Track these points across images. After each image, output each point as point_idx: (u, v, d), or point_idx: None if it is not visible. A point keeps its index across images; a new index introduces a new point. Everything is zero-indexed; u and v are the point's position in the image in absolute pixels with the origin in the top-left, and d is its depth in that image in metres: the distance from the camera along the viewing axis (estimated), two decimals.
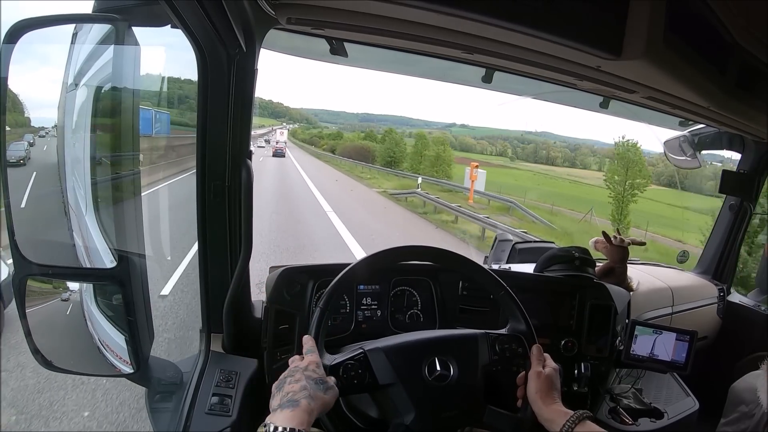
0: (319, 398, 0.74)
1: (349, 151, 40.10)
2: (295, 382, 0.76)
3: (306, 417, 0.71)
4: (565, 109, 5.35)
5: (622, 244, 1.48)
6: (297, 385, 0.75)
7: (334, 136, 61.32)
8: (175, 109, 6.92)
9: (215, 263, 1.03)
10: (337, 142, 51.86)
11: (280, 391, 0.75)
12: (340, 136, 59.95)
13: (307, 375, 0.77)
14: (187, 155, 8.93)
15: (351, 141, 48.86)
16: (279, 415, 0.71)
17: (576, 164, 41.15)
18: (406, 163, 33.22)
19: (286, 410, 0.71)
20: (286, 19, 0.87)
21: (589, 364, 1.26)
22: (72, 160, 0.87)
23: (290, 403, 0.72)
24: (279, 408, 0.72)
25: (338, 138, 57.78)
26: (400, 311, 1.25)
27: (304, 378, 0.76)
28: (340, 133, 62.26)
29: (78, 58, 0.82)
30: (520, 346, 0.94)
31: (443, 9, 0.73)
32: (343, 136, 58.43)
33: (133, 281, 0.78)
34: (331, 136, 61.44)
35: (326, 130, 70.80)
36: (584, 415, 0.81)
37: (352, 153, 38.44)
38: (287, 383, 0.76)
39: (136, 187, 0.85)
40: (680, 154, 1.85)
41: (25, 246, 0.73)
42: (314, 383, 0.76)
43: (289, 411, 0.71)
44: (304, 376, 0.76)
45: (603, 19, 0.81)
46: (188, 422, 0.90)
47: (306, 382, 0.75)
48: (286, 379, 0.78)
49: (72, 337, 0.93)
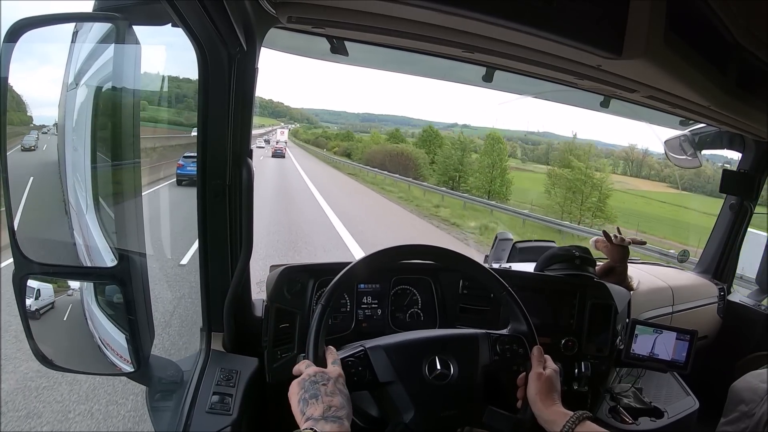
0: (350, 416, 0.74)
1: (379, 159, 28.67)
2: (332, 395, 0.74)
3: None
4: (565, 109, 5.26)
5: (623, 243, 1.48)
6: (336, 399, 0.74)
7: (343, 136, 54.65)
8: (173, 108, 6.92)
9: (216, 262, 1.04)
10: (351, 144, 44.28)
11: (318, 400, 0.73)
12: (350, 136, 52.99)
13: (340, 389, 0.76)
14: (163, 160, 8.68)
15: (368, 143, 40.04)
16: (325, 427, 0.70)
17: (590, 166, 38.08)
18: (473, 178, 24.80)
19: (332, 424, 0.70)
20: (286, 18, 0.86)
21: (589, 363, 1.26)
22: (72, 159, 0.87)
23: (335, 420, 0.71)
24: (323, 419, 0.71)
25: (348, 139, 50.90)
26: (401, 310, 1.25)
27: (338, 393, 0.75)
28: (350, 134, 55.70)
29: (78, 57, 0.82)
30: (520, 346, 0.94)
31: (444, 8, 0.73)
32: (354, 137, 51.77)
33: (133, 280, 0.78)
34: (339, 137, 55.09)
35: (330, 130, 65.88)
36: (584, 415, 0.81)
37: (384, 161, 27.32)
38: (323, 393, 0.74)
39: (137, 186, 0.85)
40: (681, 154, 1.85)
41: (25, 245, 0.73)
42: (347, 401, 0.75)
43: (336, 427, 0.70)
44: (338, 390, 0.75)
45: (603, 18, 0.80)
46: (189, 421, 0.90)
47: (343, 399, 0.74)
48: (319, 386, 0.75)
49: (72, 335, 0.93)
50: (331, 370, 0.79)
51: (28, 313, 0.78)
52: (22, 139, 0.82)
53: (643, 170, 21.96)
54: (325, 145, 53.43)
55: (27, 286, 0.76)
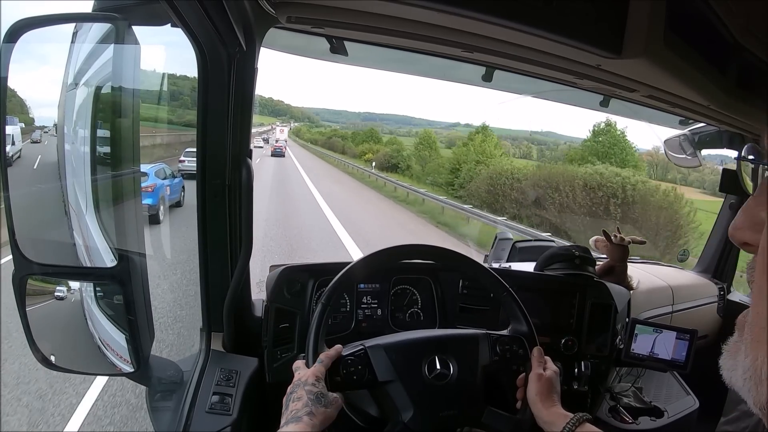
0: (320, 413, 0.77)
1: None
2: (297, 399, 0.78)
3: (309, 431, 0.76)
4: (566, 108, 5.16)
5: (623, 243, 1.49)
6: (299, 402, 0.78)
7: (365, 136, 40.07)
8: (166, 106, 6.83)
9: (215, 262, 1.04)
10: (393, 150, 29.58)
11: (287, 410, 0.79)
12: (374, 136, 39.65)
13: (307, 390, 0.79)
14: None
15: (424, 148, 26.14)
16: (287, 430, 0.75)
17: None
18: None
19: (292, 425, 0.75)
20: (286, 18, 0.86)
21: (589, 363, 1.26)
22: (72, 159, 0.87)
23: (293, 420, 0.75)
24: (285, 425, 0.76)
25: (371, 140, 38.05)
26: (401, 310, 1.26)
27: (305, 394, 0.79)
28: (373, 132, 41.86)
29: (78, 58, 0.82)
30: (521, 347, 0.93)
31: (443, 8, 0.73)
32: (380, 138, 39.45)
33: (133, 280, 0.78)
34: (361, 137, 40.07)
35: (343, 129, 54.41)
36: (584, 417, 0.81)
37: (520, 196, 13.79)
38: (291, 400, 0.79)
39: (137, 187, 0.85)
40: (680, 153, 1.85)
41: (25, 245, 0.73)
42: (315, 398, 0.78)
43: (293, 425, 0.75)
44: (305, 392, 0.79)
45: (603, 17, 0.80)
46: (189, 421, 0.90)
47: (307, 398, 0.78)
48: (291, 395, 0.80)
49: (72, 336, 0.93)
50: (302, 374, 0.82)
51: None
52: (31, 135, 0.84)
53: (669, 174, 18.85)
54: (339, 148, 40.99)
55: (27, 283, 0.76)
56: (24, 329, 0.77)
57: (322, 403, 0.78)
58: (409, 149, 29.00)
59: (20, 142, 0.96)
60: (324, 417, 0.77)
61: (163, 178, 6.82)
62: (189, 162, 7.67)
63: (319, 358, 0.84)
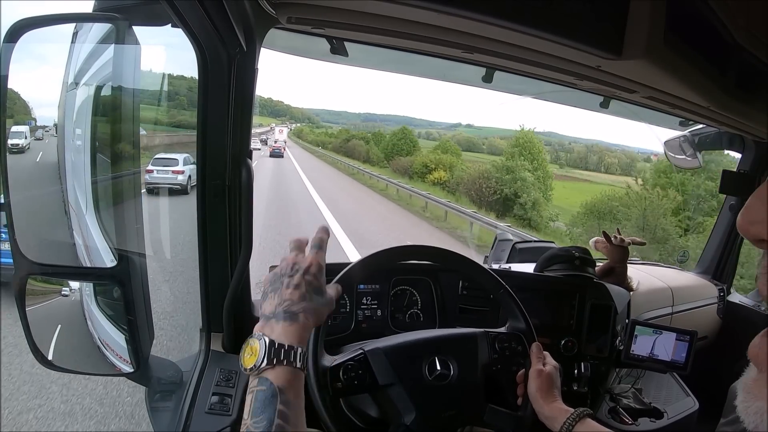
0: (317, 313, 0.65)
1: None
2: (294, 288, 0.64)
3: (305, 335, 0.63)
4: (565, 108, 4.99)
5: (623, 244, 1.48)
6: (297, 293, 0.64)
7: (397, 138, 30.28)
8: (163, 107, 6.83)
9: (215, 263, 1.03)
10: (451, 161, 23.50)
11: (277, 294, 0.64)
12: (406, 139, 29.99)
13: (308, 281, 0.66)
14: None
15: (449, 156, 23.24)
16: (275, 327, 0.62)
17: (631, 173, 25.20)
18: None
19: (282, 323, 0.62)
20: (286, 19, 0.87)
21: (589, 364, 1.26)
22: (72, 159, 0.87)
23: (288, 316, 0.62)
24: (273, 318, 0.62)
25: (402, 141, 29.26)
26: (400, 311, 1.26)
27: (304, 284, 0.65)
28: (407, 133, 30.87)
29: (78, 58, 0.82)
30: (519, 344, 0.94)
31: (443, 8, 0.73)
32: (416, 142, 30.66)
33: (133, 280, 0.78)
34: (392, 140, 30.59)
35: (359, 132, 44.46)
36: (584, 412, 0.82)
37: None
38: (285, 286, 0.65)
39: (137, 187, 0.85)
40: (680, 154, 1.85)
41: (25, 245, 0.73)
42: (315, 294, 0.66)
43: (287, 325, 0.62)
44: (305, 282, 0.65)
45: (603, 18, 0.80)
46: (188, 421, 0.90)
47: (306, 290, 0.65)
48: (283, 278, 0.66)
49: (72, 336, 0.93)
50: (303, 259, 0.68)
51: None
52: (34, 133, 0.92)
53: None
54: (366, 155, 31.39)
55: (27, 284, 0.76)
56: (24, 329, 0.77)
57: (321, 302, 0.66)
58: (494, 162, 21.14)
59: (30, 138, 1.10)
60: (318, 318, 0.66)
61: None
62: (159, 172, 7.42)
63: (316, 244, 0.71)
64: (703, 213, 11.06)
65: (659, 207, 12.24)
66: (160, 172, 7.43)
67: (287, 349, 0.59)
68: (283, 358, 0.59)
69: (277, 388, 0.58)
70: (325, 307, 0.68)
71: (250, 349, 0.60)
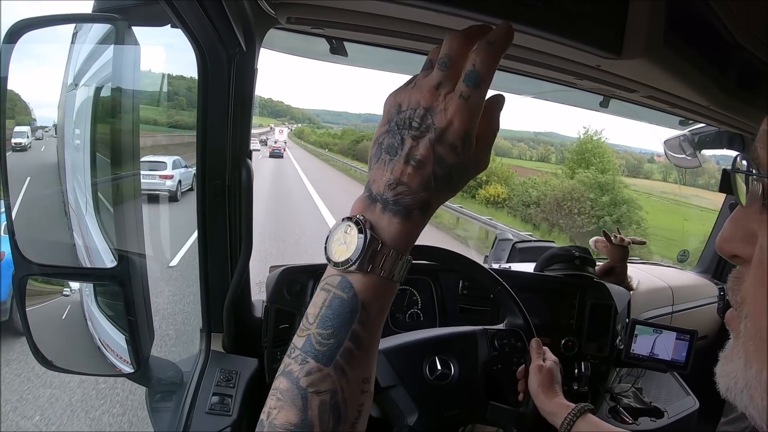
0: (437, 203, 0.43)
1: None
2: (416, 166, 0.41)
3: (415, 238, 0.44)
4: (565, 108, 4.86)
5: (623, 244, 1.48)
6: (418, 174, 0.41)
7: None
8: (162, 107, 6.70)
9: (215, 263, 1.03)
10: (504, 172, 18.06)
11: (390, 164, 0.42)
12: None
13: (439, 155, 0.41)
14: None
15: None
16: (381, 218, 0.42)
17: (639, 174, 23.18)
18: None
19: (390, 216, 0.42)
20: (285, 19, 0.86)
21: (589, 364, 1.26)
22: (72, 160, 0.87)
23: (399, 210, 0.41)
24: (380, 202, 0.42)
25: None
26: (400, 310, 1.25)
27: (433, 159, 0.41)
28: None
29: (78, 58, 0.82)
30: (518, 340, 0.94)
31: (443, 8, 0.73)
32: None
33: (133, 281, 0.78)
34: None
35: (367, 131, 40.07)
36: (585, 408, 0.82)
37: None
38: (404, 153, 0.41)
39: (137, 187, 0.85)
40: (680, 153, 1.85)
41: (25, 246, 0.73)
42: (445, 180, 0.42)
43: (397, 221, 0.42)
44: (434, 156, 0.41)
45: (602, 17, 0.80)
46: (188, 422, 0.90)
47: (433, 171, 0.41)
48: (403, 132, 0.42)
49: (72, 336, 0.93)
50: (448, 109, 0.42)
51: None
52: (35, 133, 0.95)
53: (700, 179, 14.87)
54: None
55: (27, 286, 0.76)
56: (24, 329, 0.77)
57: (447, 193, 0.44)
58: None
59: (31, 137, 1.15)
60: (434, 208, 0.44)
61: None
62: (144, 177, 6.00)
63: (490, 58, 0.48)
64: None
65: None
66: (146, 176, 6.32)
67: (392, 255, 0.42)
68: (382, 265, 0.42)
69: (360, 302, 0.42)
70: (449, 195, 0.44)
71: (344, 236, 0.42)
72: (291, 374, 0.44)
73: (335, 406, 0.42)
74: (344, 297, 0.43)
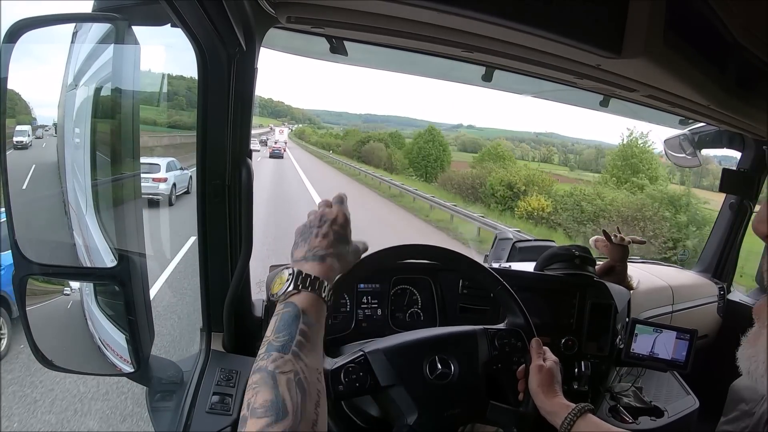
0: (343, 260, 0.71)
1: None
2: (322, 237, 0.70)
3: (332, 275, 0.68)
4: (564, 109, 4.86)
5: (623, 243, 1.48)
6: (325, 241, 0.70)
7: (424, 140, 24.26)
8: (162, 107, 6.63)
9: (215, 262, 1.04)
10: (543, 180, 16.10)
11: (306, 243, 0.70)
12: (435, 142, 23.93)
13: (335, 231, 0.71)
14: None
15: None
16: (304, 265, 0.67)
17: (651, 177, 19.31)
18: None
19: (311, 262, 0.68)
20: (286, 18, 0.86)
21: (589, 363, 1.26)
22: (72, 159, 0.87)
23: (316, 258, 0.68)
24: (303, 260, 0.68)
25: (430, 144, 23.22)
26: (401, 310, 1.26)
27: (332, 234, 0.71)
28: (434, 134, 25.03)
29: (78, 58, 0.82)
30: (519, 340, 0.94)
31: (443, 8, 0.73)
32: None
33: (133, 280, 0.78)
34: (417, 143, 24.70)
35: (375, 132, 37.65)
36: (586, 407, 0.82)
37: None
38: (314, 235, 0.71)
39: (137, 187, 0.85)
40: (680, 153, 1.85)
41: (25, 245, 0.73)
42: (342, 242, 0.71)
43: (315, 264, 0.67)
44: (332, 232, 0.71)
45: (603, 17, 0.80)
46: (189, 421, 0.90)
47: (334, 239, 0.70)
48: (312, 229, 0.72)
49: (72, 336, 0.93)
50: (330, 212, 0.74)
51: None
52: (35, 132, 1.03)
53: (705, 180, 13.92)
54: (388, 161, 24.76)
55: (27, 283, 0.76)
56: (24, 329, 0.77)
57: (347, 250, 0.72)
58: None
59: (32, 136, 1.20)
60: (344, 265, 0.72)
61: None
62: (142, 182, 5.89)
63: (341, 198, 0.77)
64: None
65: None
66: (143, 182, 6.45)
67: (313, 279, 0.65)
68: (308, 285, 0.64)
69: (301, 309, 0.63)
70: (351, 255, 0.73)
71: (280, 279, 0.66)
72: (260, 368, 0.57)
73: (299, 382, 0.56)
74: (288, 310, 0.63)
